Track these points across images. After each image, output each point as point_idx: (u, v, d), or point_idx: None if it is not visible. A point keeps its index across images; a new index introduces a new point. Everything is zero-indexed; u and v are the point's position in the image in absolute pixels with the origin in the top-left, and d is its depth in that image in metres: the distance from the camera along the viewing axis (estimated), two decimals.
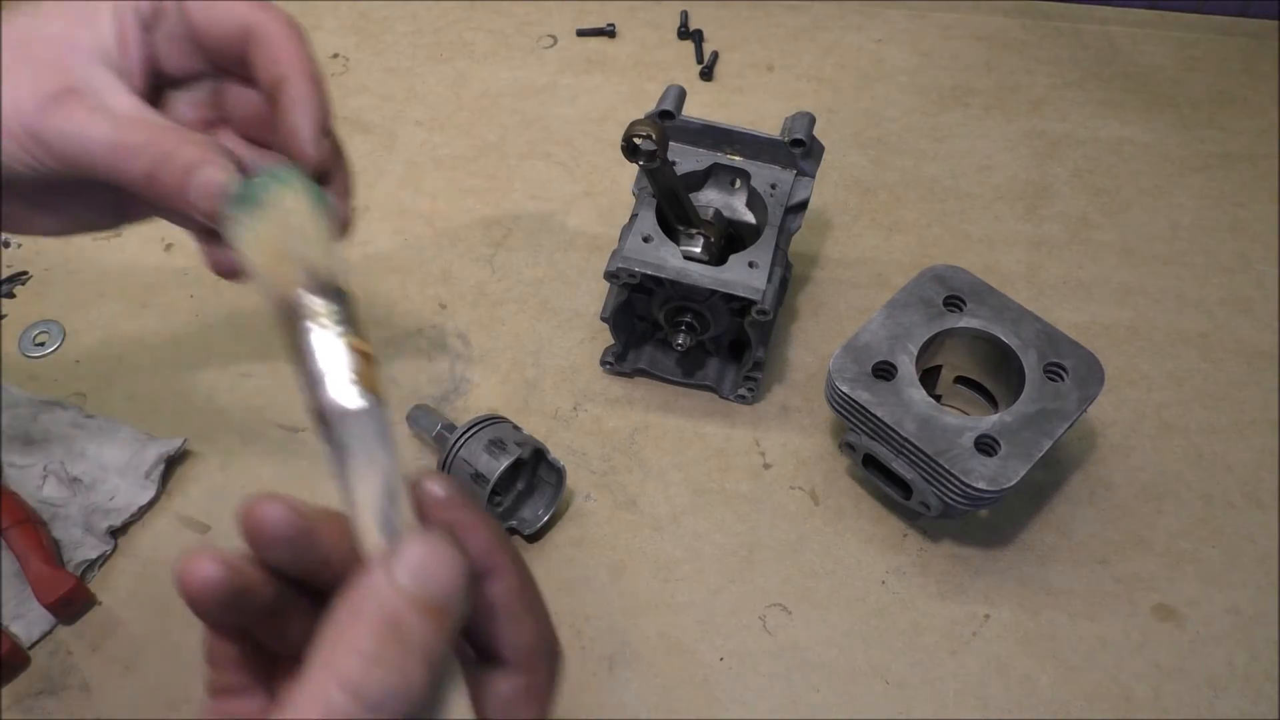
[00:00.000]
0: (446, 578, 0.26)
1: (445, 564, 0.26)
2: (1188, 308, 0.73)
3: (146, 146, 0.38)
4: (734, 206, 0.66)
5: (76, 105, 0.38)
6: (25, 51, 0.38)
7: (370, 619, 0.25)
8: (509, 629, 0.30)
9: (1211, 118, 0.85)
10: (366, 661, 0.24)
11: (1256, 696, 0.57)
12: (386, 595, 0.25)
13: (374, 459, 0.29)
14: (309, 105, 0.39)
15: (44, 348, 0.70)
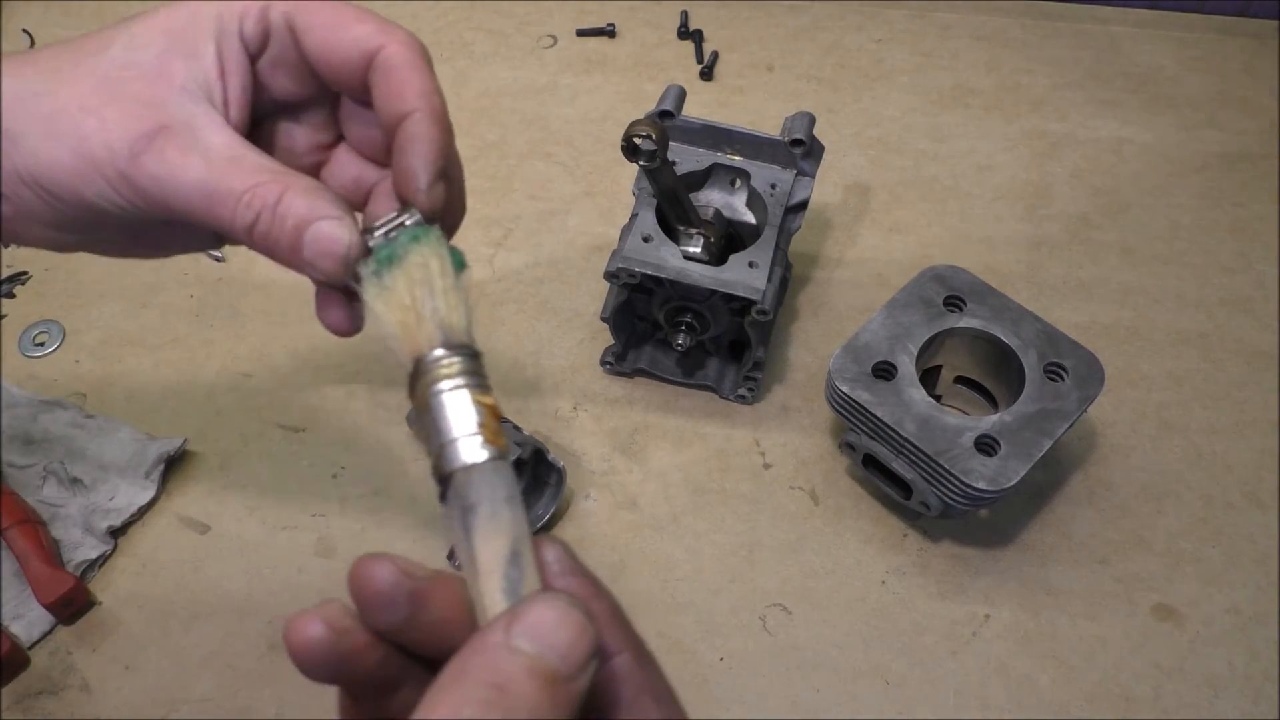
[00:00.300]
0: (571, 644, 0.23)
1: (571, 629, 0.24)
2: (1188, 308, 0.73)
3: (247, 194, 0.35)
4: (734, 206, 0.66)
5: (169, 145, 0.35)
6: (117, 88, 0.35)
7: (475, 680, 0.23)
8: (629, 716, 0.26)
9: (1211, 118, 0.85)
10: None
11: (1256, 696, 0.57)
12: (499, 656, 0.23)
13: (499, 517, 0.27)
14: (429, 148, 0.36)
15: (44, 348, 0.70)
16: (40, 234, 0.38)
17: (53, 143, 0.35)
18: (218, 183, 0.35)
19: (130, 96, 0.35)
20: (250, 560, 0.61)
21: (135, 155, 0.34)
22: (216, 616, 0.59)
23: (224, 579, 0.61)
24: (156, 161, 0.34)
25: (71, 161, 0.35)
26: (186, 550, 0.62)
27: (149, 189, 0.35)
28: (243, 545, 0.62)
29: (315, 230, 0.35)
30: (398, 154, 0.37)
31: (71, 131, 0.35)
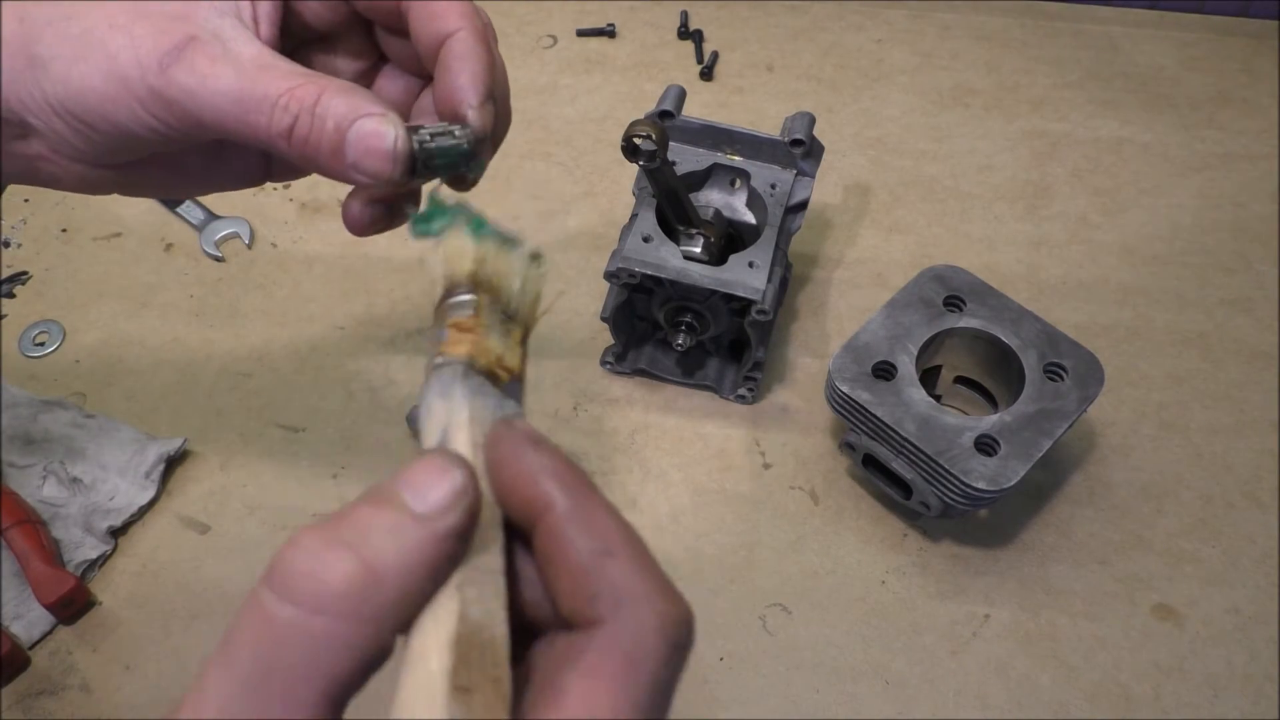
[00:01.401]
0: (426, 485, 0.25)
1: (428, 472, 0.25)
2: (1188, 308, 0.73)
3: (283, 98, 0.33)
4: (734, 206, 0.66)
5: (198, 55, 0.34)
6: (145, 5, 0.34)
7: (339, 527, 0.25)
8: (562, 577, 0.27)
9: (1211, 118, 0.85)
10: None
11: (1256, 696, 0.57)
12: (378, 490, 0.25)
13: (432, 408, 0.29)
14: (476, 66, 0.35)
15: (44, 348, 0.70)
16: (76, 172, 0.37)
17: (82, 64, 0.34)
18: (250, 89, 0.33)
19: (158, 12, 0.34)
20: (250, 560, 0.61)
21: (165, 69, 0.33)
22: (216, 616, 0.59)
23: (224, 579, 0.61)
24: (186, 73, 0.33)
25: (102, 83, 0.34)
26: (186, 550, 0.62)
27: (180, 102, 0.34)
28: (243, 545, 0.62)
29: (358, 128, 0.34)
30: (442, 73, 0.36)
31: (100, 50, 0.34)
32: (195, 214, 0.77)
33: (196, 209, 0.78)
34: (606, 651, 0.24)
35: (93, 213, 0.78)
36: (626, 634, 0.24)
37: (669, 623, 0.26)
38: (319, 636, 0.22)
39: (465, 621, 0.24)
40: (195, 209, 0.78)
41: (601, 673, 0.24)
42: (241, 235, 0.76)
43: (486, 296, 0.31)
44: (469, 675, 0.24)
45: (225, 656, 0.23)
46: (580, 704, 0.23)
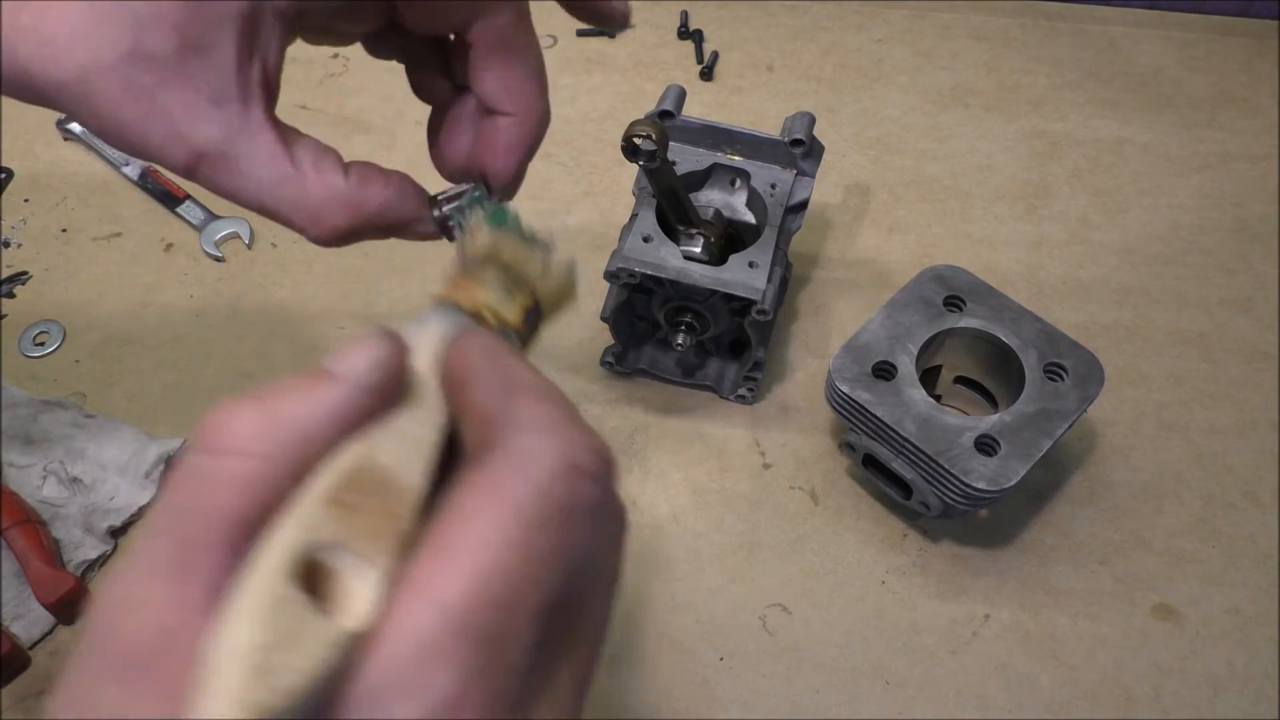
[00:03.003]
0: (344, 351, 0.25)
1: (351, 345, 0.25)
2: (1188, 308, 0.73)
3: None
4: (734, 206, 0.66)
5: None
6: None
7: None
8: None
9: (1211, 118, 0.85)
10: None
11: (1256, 696, 0.57)
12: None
13: (406, 334, 0.29)
14: (517, 157, 0.37)
15: (44, 348, 0.70)
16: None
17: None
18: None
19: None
20: None
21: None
22: None
23: None
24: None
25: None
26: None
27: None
28: None
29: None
30: (483, 143, 0.37)
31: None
32: (195, 214, 0.77)
33: (196, 209, 0.78)
34: (494, 464, 0.23)
35: (93, 213, 0.78)
36: (518, 448, 0.23)
37: (569, 442, 0.24)
38: (213, 475, 0.22)
39: (365, 459, 0.24)
40: (195, 209, 0.78)
41: (485, 483, 0.23)
42: (241, 235, 0.76)
43: (496, 269, 0.32)
44: (355, 499, 0.23)
45: (149, 516, 0.23)
46: (461, 517, 0.22)
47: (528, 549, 0.22)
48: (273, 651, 0.19)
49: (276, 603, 0.20)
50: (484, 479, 0.23)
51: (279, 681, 0.19)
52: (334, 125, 0.83)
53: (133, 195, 0.79)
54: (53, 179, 0.80)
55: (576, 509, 0.23)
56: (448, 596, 0.21)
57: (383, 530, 0.22)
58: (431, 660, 0.20)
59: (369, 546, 0.22)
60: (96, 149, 0.81)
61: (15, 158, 0.81)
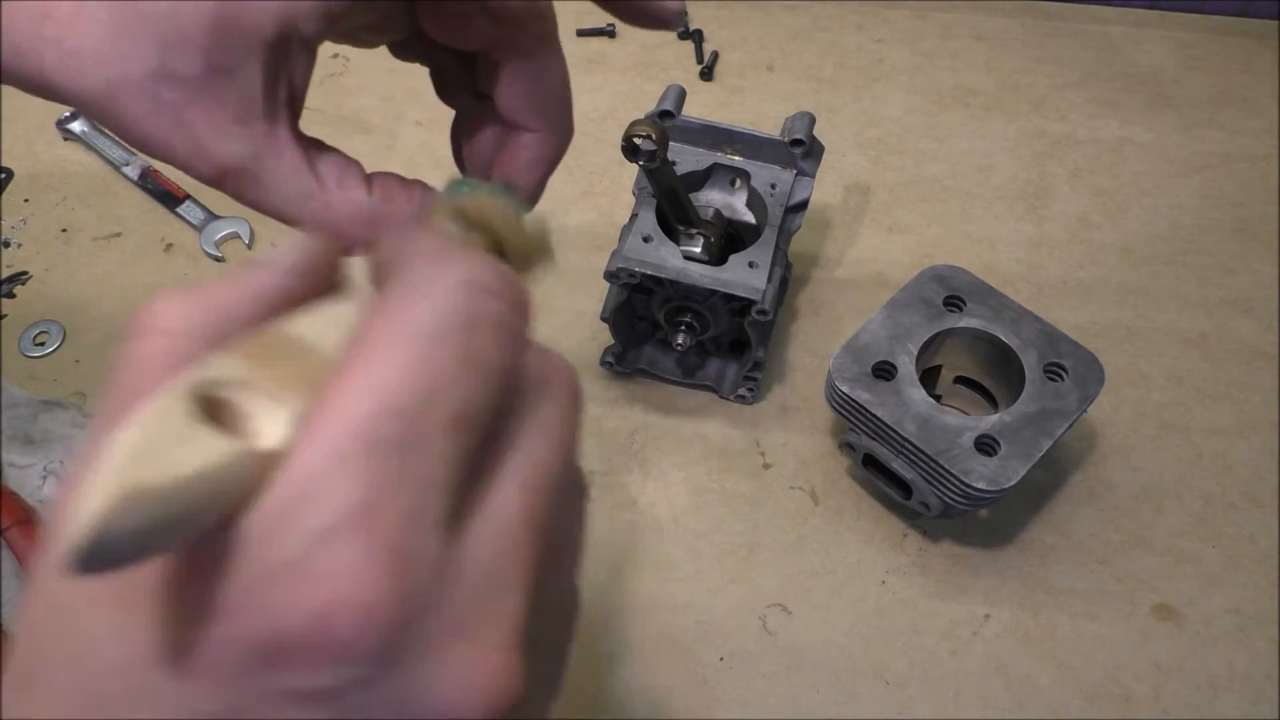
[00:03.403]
0: None
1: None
2: (1188, 308, 0.73)
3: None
4: (734, 206, 0.66)
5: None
6: None
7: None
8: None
9: (1211, 118, 0.85)
10: None
11: (1256, 696, 0.57)
12: None
13: None
14: (539, 173, 0.37)
15: (44, 348, 0.70)
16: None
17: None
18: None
19: None
20: None
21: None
22: None
23: None
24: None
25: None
26: None
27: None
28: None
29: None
30: (507, 156, 0.37)
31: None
32: (195, 214, 0.77)
33: (196, 209, 0.78)
34: (389, 295, 0.23)
35: (93, 213, 0.78)
36: (410, 273, 0.23)
37: (460, 262, 0.23)
38: (137, 353, 0.23)
39: (282, 329, 0.23)
40: (195, 209, 0.78)
41: (379, 306, 0.22)
42: (241, 235, 0.76)
43: (463, 222, 0.31)
44: (268, 355, 0.22)
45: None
46: (359, 341, 0.22)
47: (429, 360, 0.21)
48: (158, 447, 0.18)
49: (166, 412, 0.19)
50: (381, 305, 0.22)
51: (160, 469, 0.18)
52: (334, 125, 0.83)
53: (133, 195, 0.79)
54: (53, 179, 0.80)
55: (479, 319, 0.23)
56: (350, 410, 0.20)
57: (294, 380, 0.22)
58: (337, 469, 0.20)
59: (279, 391, 0.22)
60: (97, 149, 0.81)
61: (15, 158, 0.81)
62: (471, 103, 0.39)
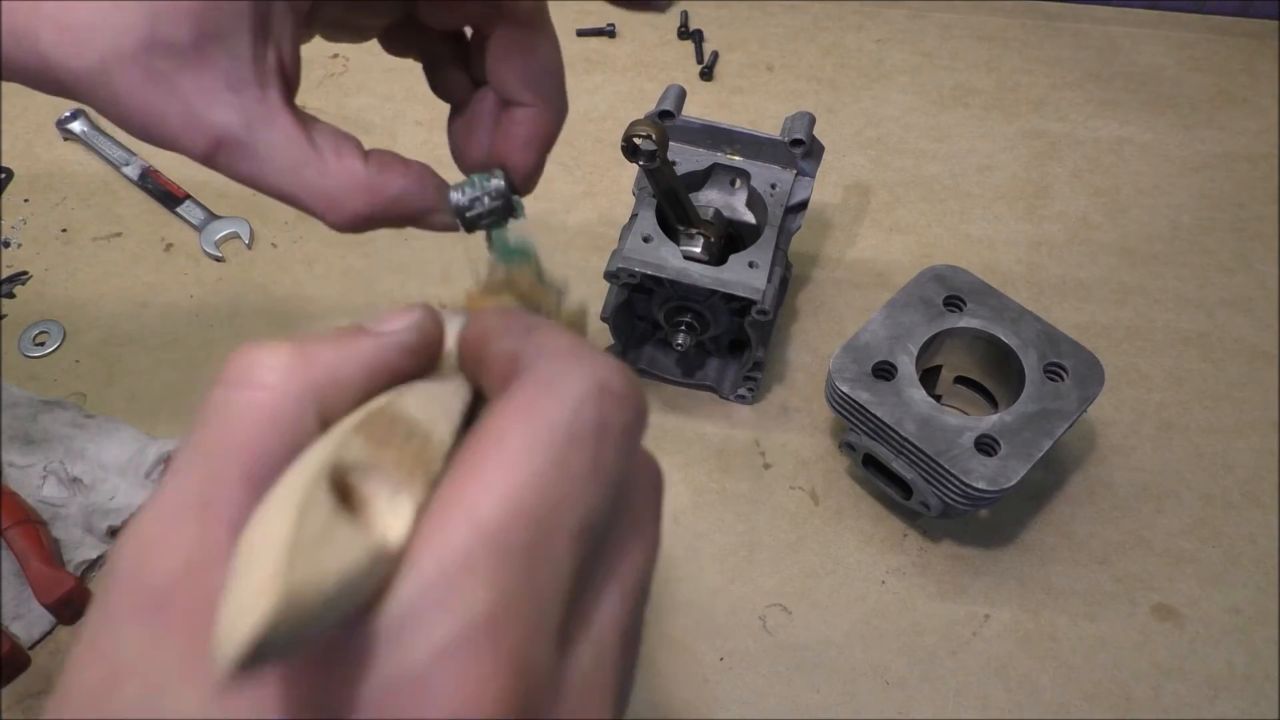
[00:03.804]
0: (392, 319, 0.25)
1: (396, 313, 0.26)
2: (1188, 308, 0.73)
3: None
4: (734, 206, 0.66)
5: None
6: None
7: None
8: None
9: (1211, 118, 0.85)
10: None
11: (1256, 696, 0.57)
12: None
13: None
14: (537, 150, 0.37)
15: (44, 348, 0.70)
16: None
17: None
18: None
19: None
20: None
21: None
22: None
23: None
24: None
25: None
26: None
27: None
28: None
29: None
30: (502, 134, 0.37)
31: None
32: (195, 214, 0.77)
33: (196, 209, 0.78)
34: (522, 388, 0.22)
35: (93, 213, 0.78)
36: (544, 372, 0.23)
37: (595, 364, 0.23)
38: (236, 408, 0.22)
39: (397, 410, 0.23)
40: (195, 209, 0.78)
41: (513, 404, 0.22)
42: (241, 235, 0.76)
43: (512, 295, 0.32)
44: (385, 434, 0.22)
45: (174, 458, 0.22)
46: (492, 438, 0.21)
47: (562, 465, 0.21)
48: (308, 548, 0.18)
49: (310, 502, 0.19)
50: (512, 402, 0.22)
51: (314, 573, 0.18)
52: (334, 125, 0.83)
53: (133, 195, 0.79)
54: (53, 179, 0.80)
55: (608, 428, 0.22)
56: (481, 511, 0.20)
57: (412, 467, 0.22)
58: (466, 575, 0.19)
59: (400, 476, 0.21)
60: (96, 149, 0.81)
61: (15, 158, 0.81)
62: (465, 92, 0.39)
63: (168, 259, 0.76)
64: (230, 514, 0.21)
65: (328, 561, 0.18)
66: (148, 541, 0.21)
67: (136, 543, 0.21)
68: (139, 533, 0.21)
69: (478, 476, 0.21)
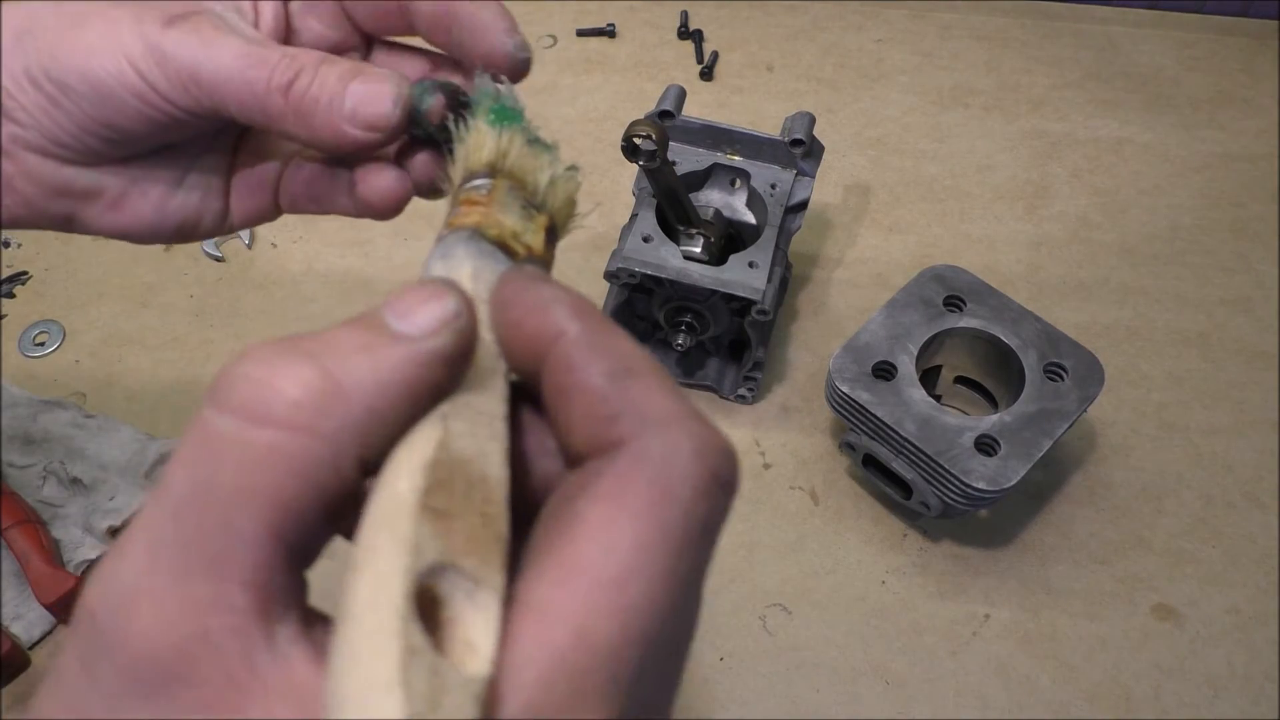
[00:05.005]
0: (409, 306, 0.21)
1: (416, 296, 0.21)
2: (1188, 308, 0.73)
3: (286, 58, 0.33)
4: (734, 206, 0.66)
5: (204, 23, 0.33)
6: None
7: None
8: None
9: (1211, 118, 0.85)
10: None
11: (1256, 696, 0.57)
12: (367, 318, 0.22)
13: (432, 270, 0.26)
14: (495, 10, 0.35)
15: (44, 348, 0.70)
16: (34, 170, 0.35)
17: (75, 29, 0.33)
18: (257, 50, 0.33)
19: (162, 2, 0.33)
20: None
21: (168, 27, 0.32)
22: None
23: None
24: (191, 33, 0.32)
25: (94, 41, 0.32)
26: None
27: (180, 58, 0.32)
28: None
29: (362, 78, 0.33)
30: (459, 17, 0.35)
31: (100, 16, 0.33)
32: None
33: None
34: (630, 473, 0.19)
35: None
36: (654, 454, 0.20)
37: (707, 447, 0.20)
38: (261, 450, 0.19)
39: (448, 451, 0.20)
40: None
41: (624, 496, 0.19)
42: (241, 235, 0.76)
43: (506, 181, 0.29)
44: (448, 500, 0.19)
45: (160, 488, 0.19)
46: (597, 534, 0.19)
47: (674, 576, 0.19)
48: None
49: (410, 657, 0.16)
50: (617, 489, 0.19)
51: None
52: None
53: None
54: None
55: (713, 526, 0.20)
56: (595, 630, 0.18)
57: (481, 538, 0.19)
58: (580, 703, 0.18)
59: (473, 561, 0.19)
60: None
61: None
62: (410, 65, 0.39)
63: (168, 259, 0.76)
64: (251, 573, 0.18)
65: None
66: (141, 599, 0.18)
67: (125, 598, 0.18)
68: (126, 585, 0.18)
69: (584, 586, 0.18)
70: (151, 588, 0.18)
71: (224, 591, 0.18)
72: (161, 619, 0.18)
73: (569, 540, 0.19)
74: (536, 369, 0.22)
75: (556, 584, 0.18)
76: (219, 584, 0.18)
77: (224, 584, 0.18)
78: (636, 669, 0.18)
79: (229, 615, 0.18)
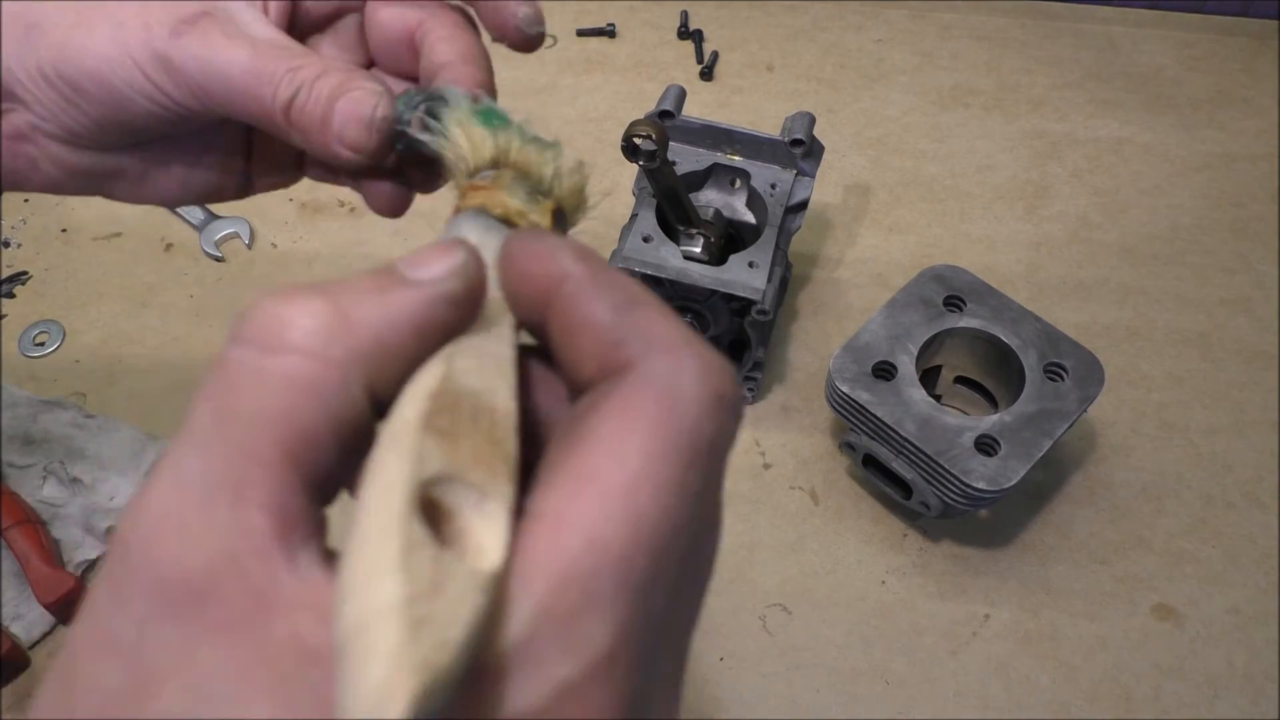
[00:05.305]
0: (426, 258, 0.22)
1: (432, 251, 0.23)
2: (1188, 308, 0.73)
3: (289, 73, 0.34)
4: (734, 206, 0.66)
5: (212, 28, 0.34)
6: None
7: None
8: None
9: (1211, 118, 0.85)
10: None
11: (1256, 696, 0.57)
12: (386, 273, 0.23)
13: (449, 233, 0.27)
14: (462, 22, 0.37)
15: (44, 348, 0.70)
16: (56, 156, 0.36)
17: (83, 30, 0.33)
18: (263, 64, 0.33)
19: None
20: None
21: (177, 35, 0.33)
22: None
23: None
24: (200, 42, 0.33)
25: (103, 46, 0.33)
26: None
27: (187, 70, 0.33)
28: None
29: (347, 98, 0.34)
30: (432, 58, 0.36)
31: (107, 17, 0.33)
32: (195, 214, 0.77)
33: (197, 209, 0.78)
34: (637, 391, 0.20)
35: (93, 213, 0.78)
36: (661, 373, 0.20)
37: (711, 368, 0.21)
38: (274, 376, 0.19)
39: (454, 382, 0.21)
40: (195, 209, 0.78)
41: (632, 411, 0.20)
42: (241, 235, 0.76)
43: (510, 171, 0.29)
44: (453, 423, 0.20)
45: (185, 423, 0.20)
46: (607, 446, 0.19)
47: (682, 487, 0.19)
48: (423, 603, 0.16)
49: (411, 548, 0.17)
50: (625, 405, 0.20)
51: (440, 635, 0.16)
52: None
53: None
54: None
55: (722, 446, 0.21)
56: (606, 536, 0.18)
57: (488, 456, 0.20)
58: (591, 608, 0.18)
59: (480, 475, 0.19)
60: None
61: None
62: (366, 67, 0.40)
63: (168, 259, 0.76)
64: (270, 497, 0.19)
65: (448, 614, 0.17)
66: (168, 527, 0.18)
67: (152, 527, 0.19)
68: (153, 515, 0.19)
69: (596, 493, 0.19)
70: (178, 515, 0.18)
71: (245, 515, 0.19)
72: (188, 544, 0.18)
73: (579, 454, 0.20)
74: (544, 315, 0.23)
75: (566, 493, 0.19)
76: (240, 509, 0.19)
77: (245, 508, 0.19)
78: (648, 576, 0.19)
79: (252, 538, 0.18)
